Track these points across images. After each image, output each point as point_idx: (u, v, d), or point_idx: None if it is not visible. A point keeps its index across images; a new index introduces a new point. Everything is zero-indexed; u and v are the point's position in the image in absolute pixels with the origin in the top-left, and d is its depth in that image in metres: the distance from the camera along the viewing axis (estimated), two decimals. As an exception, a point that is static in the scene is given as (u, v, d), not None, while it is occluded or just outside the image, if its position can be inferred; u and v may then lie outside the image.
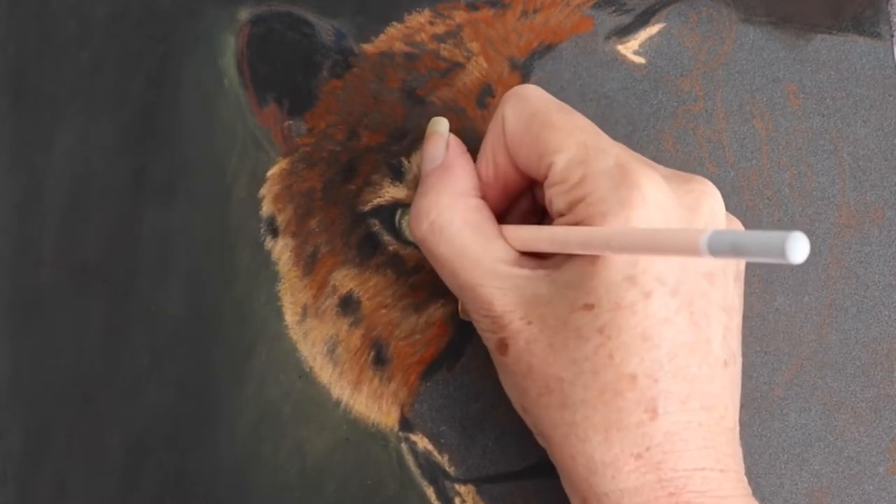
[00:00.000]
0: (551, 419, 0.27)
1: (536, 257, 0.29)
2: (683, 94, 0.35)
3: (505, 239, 0.29)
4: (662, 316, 0.26)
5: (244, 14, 0.35)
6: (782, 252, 0.19)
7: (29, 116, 0.35)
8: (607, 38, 0.35)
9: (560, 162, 0.28)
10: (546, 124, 0.28)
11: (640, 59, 0.35)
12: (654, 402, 0.26)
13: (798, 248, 0.19)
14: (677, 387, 0.26)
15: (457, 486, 0.33)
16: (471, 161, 0.31)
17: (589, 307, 0.26)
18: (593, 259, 0.26)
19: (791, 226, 0.34)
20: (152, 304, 0.34)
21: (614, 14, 0.35)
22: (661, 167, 0.29)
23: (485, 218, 0.30)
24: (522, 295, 0.28)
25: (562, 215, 0.28)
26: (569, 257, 0.27)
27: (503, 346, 0.28)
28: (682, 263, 0.27)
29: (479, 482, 0.33)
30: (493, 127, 0.30)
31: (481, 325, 0.29)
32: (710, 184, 0.28)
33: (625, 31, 0.35)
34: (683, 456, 0.26)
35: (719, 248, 0.21)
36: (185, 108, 0.35)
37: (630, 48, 0.35)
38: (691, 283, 0.27)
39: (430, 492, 0.33)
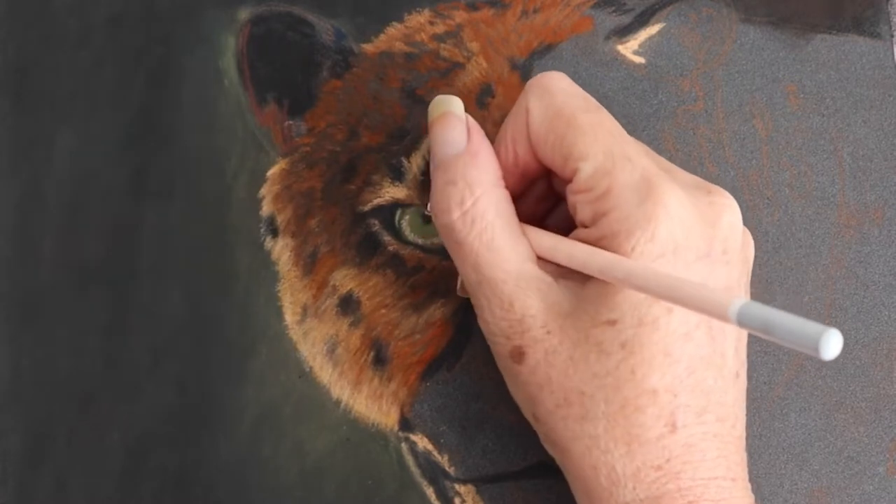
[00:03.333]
0: (570, 431, 0.27)
1: (557, 265, 0.28)
2: (683, 94, 0.35)
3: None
4: (683, 332, 0.26)
5: (244, 14, 0.35)
6: (815, 346, 0.19)
7: (29, 116, 0.35)
8: (607, 38, 0.35)
9: (586, 170, 0.27)
10: (571, 124, 0.28)
11: (639, 59, 0.35)
12: (673, 417, 0.26)
13: (832, 345, 0.19)
14: (695, 400, 0.27)
15: (457, 486, 0.33)
16: (492, 148, 0.30)
17: (612, 322, 0.26)
18: None
19: (791, 225, 0.34)
20: (152, 304, 0.34)
21: (614, 14, 0.35)
22: (682, 174, 0.29)
23: (513, 213, 0.29)
24: (544, 301, 0.27)
25: (585, 226, 0.28)
26: None
27: (519, 354, 0.28)
28: (702, 278, 0.27)
29: (479, 482, 0.33)
30: (515, 116, 0.29)
31: (494, 329, 0.28)
32: (729, 196, 0.28)
33: (625, 31, 0.35)
34: (700, 466, 0.26)
35: (749, 321, 0.21)
36: (185, 108, 0.35)
37: (630, 48, 0.35)
38: None
39: (430, 492, 0.33)
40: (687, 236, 0.26)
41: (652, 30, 0.35)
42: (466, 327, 0.33)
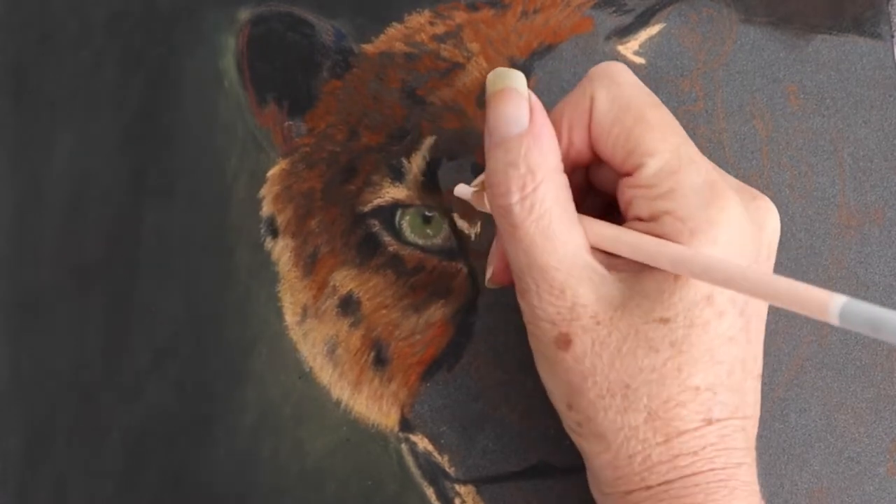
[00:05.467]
0: (610, 422, 0.27)
1: (608, 256, 0.28)
2: (683, 94, 0.35)
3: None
4: (729, 335, 0.27)
5: (244, 14, 0.35)
6: None
7: (29, 116, 0.35)
8: (607, 38, 0.35)
9: (651, 166, 0.27)
10: (640, 120, 0.28)
11: (640, 60, 0.35)
12: (711, 412, 0.27)
13: None
14: (731, 398, 0.27)
15: (457, 487, 0.33)
16: (553, 131, 0.28)
17: (664, 321, 0.27)
18: (675, 275, 0.27)
19: (791, 225, 0.34)
20: (152, 304, 0.34)
21: (614, 14, 0.35)
22: (729, 178, 0.29)
23: (570, 199, 0.28)
24: (596, 291, 0.27)
25: (640, 220, 0.27)
26: (649, 267, 0.27)
27: (565, 341, 0.27)
28: None
29: (479, 482, 0.33)
30: (575, 103, 0.29)
31: (541, 314, 0.28)
32: (770, 200, 0.29)
33: (625, 32, 0.35)
34: (733, 454, 0.27)
35: (852, 319, 0.20)
36: (185, 108, 0.35)
37: (630, 48, 0.35)
38: (754, 304, 0.28)
39: (430, 492, 0.33)
40: (742, 241, 0.27)
41: (652, 30, 0.35)
42: (466, 328, 0.33)
